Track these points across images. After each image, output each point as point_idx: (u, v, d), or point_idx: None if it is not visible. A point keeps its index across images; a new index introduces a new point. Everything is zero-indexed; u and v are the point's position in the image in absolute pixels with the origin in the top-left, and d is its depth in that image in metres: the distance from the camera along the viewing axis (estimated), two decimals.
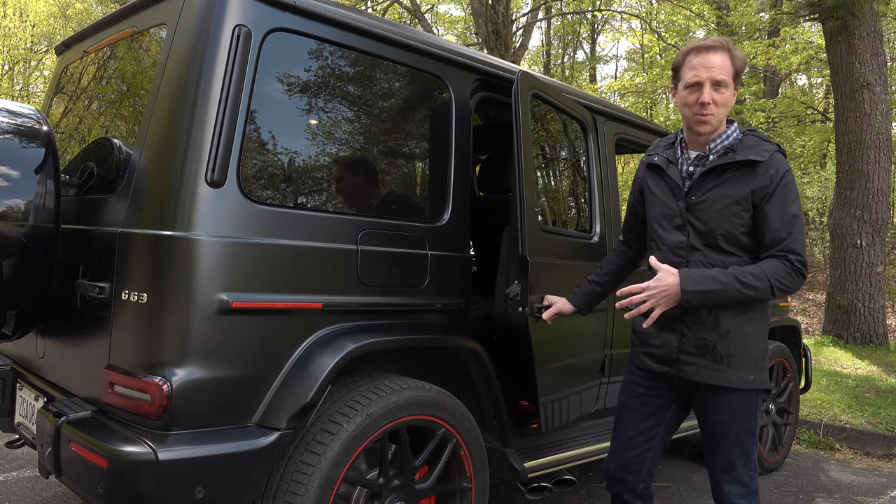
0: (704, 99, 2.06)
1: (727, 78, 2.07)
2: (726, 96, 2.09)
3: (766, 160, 2.05)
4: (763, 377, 2.11)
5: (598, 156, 3.30)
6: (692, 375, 2.11)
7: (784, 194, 2.03)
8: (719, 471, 2.14)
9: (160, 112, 2.08)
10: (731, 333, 2.07)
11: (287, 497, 2.03)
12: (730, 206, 2.06)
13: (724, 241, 2.07)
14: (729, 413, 2.10)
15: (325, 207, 2.29)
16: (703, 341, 2.09)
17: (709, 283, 1.99)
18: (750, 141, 2.11)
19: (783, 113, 15.61)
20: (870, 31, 7.85)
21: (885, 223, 8.01)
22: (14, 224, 2.13)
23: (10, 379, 2.65)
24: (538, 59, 24.79)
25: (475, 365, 2.63)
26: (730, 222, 2.06)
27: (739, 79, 2.13)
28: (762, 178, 2.04)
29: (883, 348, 7.80)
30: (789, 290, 2.01)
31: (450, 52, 2.68)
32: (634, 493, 2.29)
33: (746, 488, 2.12)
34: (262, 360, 2.04)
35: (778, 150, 2.09)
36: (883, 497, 4.00)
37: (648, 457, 2.26)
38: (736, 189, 2.06)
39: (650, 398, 2.24)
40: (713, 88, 2.07)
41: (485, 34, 10.99)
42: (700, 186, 2.12)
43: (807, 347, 4.86)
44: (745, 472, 2.12)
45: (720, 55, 2.07)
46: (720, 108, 2.08)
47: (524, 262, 2.51)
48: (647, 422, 2.24)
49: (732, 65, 2.09)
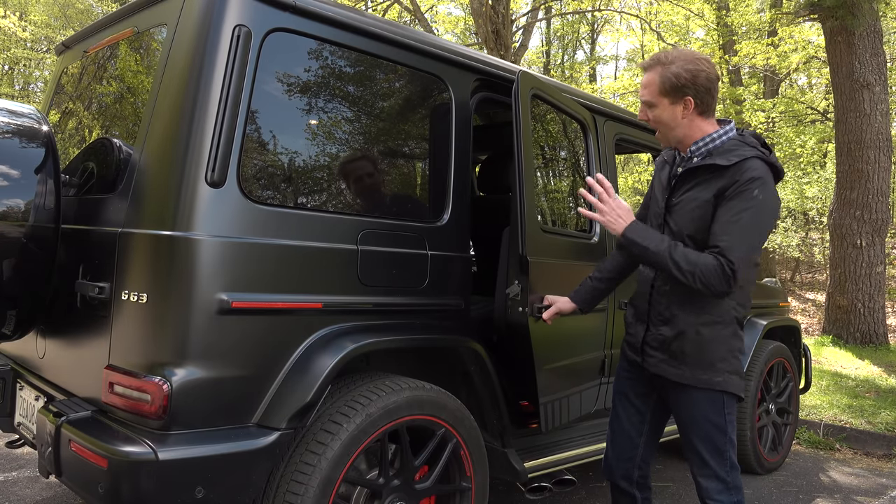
0: (639, 116, 2.20)
1: (651, 98, 2.13)
2: (656, 113, 2.15)
3: (733, 165, 2.04)
4: (724, 379, 2.11)
5: (598, 156, 3.30)
6: (653, 368, 2.22)
7: (740, 200, 2.00)
8: (695, 467, 2.20)
9: (160, 112, 2.08)
10: (686, 334, 2.13)
11: (287, 497, 2.04)
12: (696, 209, 2.10)
13: (690, 242, 2.11)
14: (692, 410, 2.16)
15: (326, 207, 2.29)
16: (661, 336, 2.19)
17: (647, 239, 2.08)
18: (731, 145, 2.11)
19: (783, 113, 15.61)
20: (869, 30, 7.85)
21: (885, 223, 8.01)
22: (14, 224, 2.13)
23: (10, 379, 2.65)
24: (538, 60, 24.79)
25: (475, 365, 2.63)
26: (695, 225, 2.10)
27: (680, 92, 2.09)
28: (727, 182, 2.04)
29: (883, 348, 7.80)
30: (712, 288, 1.99)
31: (450, 52, 2.68)
32: (630, 480, 2.37)
33: (724, 484, 2.16)
34: (262, 360, 2.04)
35: (757, 156, 2.05)
36: (883, 497, 4.00)
37: (641, 442, 2.35)
38: (703, 193, 2.09)
39: (635, 384, 2.33)
40: (644, 106, 2.16)
41: (485, 34, 10.98)
42: (679, 188, 2.18)
43: (807, 347, 4.87)
44: (720, 468, 2.15)
45: (647, 74, 2.14)
46: (657, 124, 2.17)
47: (524, 262, 2.51)
48: (636, 408, 2.34)
49: (660, 83, 2.10)
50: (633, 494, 2.38)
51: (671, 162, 2.26)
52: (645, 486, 2.39)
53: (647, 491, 2.40)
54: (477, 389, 2.68)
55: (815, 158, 15.19)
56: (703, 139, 2.14)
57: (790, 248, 13.66)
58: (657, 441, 2.40)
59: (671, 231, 2.17)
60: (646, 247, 2.07)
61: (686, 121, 2.13)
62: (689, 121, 2.13)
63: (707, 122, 2.15)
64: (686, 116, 2.12)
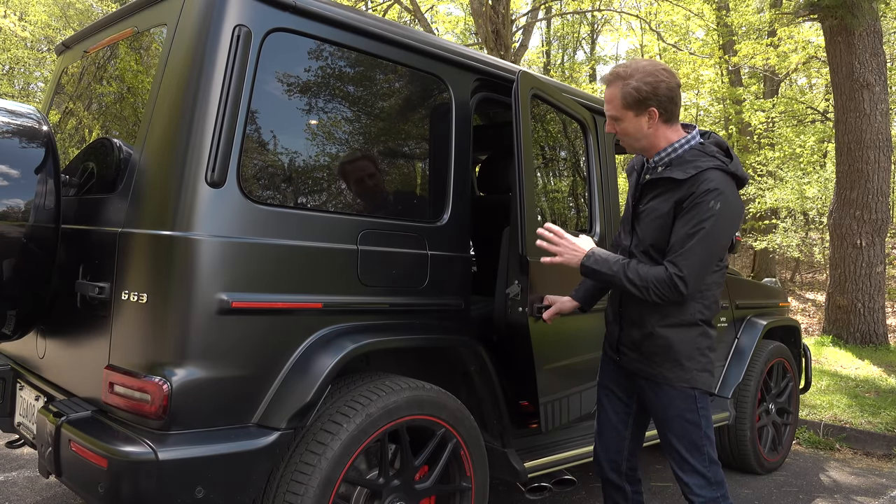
0: (606, 128, 2.24)
1: (613, 110, 2.16)
2: (622, 126, 2.17)
3: (689, 178, 2.06)
4: (693, 377, 2.16)
5: (597, 156, 3.30)
6: (628, 366, 2.28)
7: (697, 212, 2.03)
8: (675, 464, 2.24)
9: (160, 112, 2.08)
10: (654, 336, 2.19)
11: (287, 497, 2.04)
12: (656, 219, 2.15)
13: (653, 251, 2.16)
14: (666, 408, 2.20)
15: (326, 207, 2.29)
16: (633, 337, 2.25)
17: (602, 265, 2.16)
18: (689, 156, 2.13)
19: (783, 113, 15.61)
20: (869, 30, 7.85)
21: (885, 223, 8.01)
22: (14, 224, 2.13)
23: (10, 379, 2.65)
24: (538, 60, 24.79)
25: (475, 365, 2.63)
26: (655, 235, 2.15)
27: (642, 104, 2.10)
28: (684, 195, 2.07)
29: (883, 348, 7.80)
30: (665, 299, 2.07)
31: (450, 52, 2.68)
32: (619, 473, 2.41)
33: (705, 479, 2.19)
34: (262, 360, 2.04)
35: (716, 166, 2.06)
36: (883, 497, 4.00)
37: (628, 434, 2.39)
38: (662, 204, 2.14)
39: (618, 378, 2.38)
40: (612, 121, 2.19)
41: (484, 34, 10.98)
42: (644, 196, 2.24)
43: (807, 347, 4.87)
44: (699, 464, 2.18)
45: (609, 89, 2.16)
46: (622, 136, 2.21)
47: (524, 262, 2.51)
48: (620, 400, 2.39)
49: (622, 97, 2.11)
50: (622, 488, 2.41)
51: (639, 169, 2.31)
52: (634, 479, 2.42)
53: (637, 484, 2.43)
54: (477, 389, 2.68)
55: (815, 158, 15.18)
56: (666, 149, 2.17)
57: (790, 248, 13.65)
58: (643, 433, 2.45)
59: (638, 238, 2.22)
60: (603, 272, 2.16)
61: (651, 130, 2.15)
62: (654, 129, 2.15)
63: (672, 129, 2.17)
64: (651, 126, 2.15)
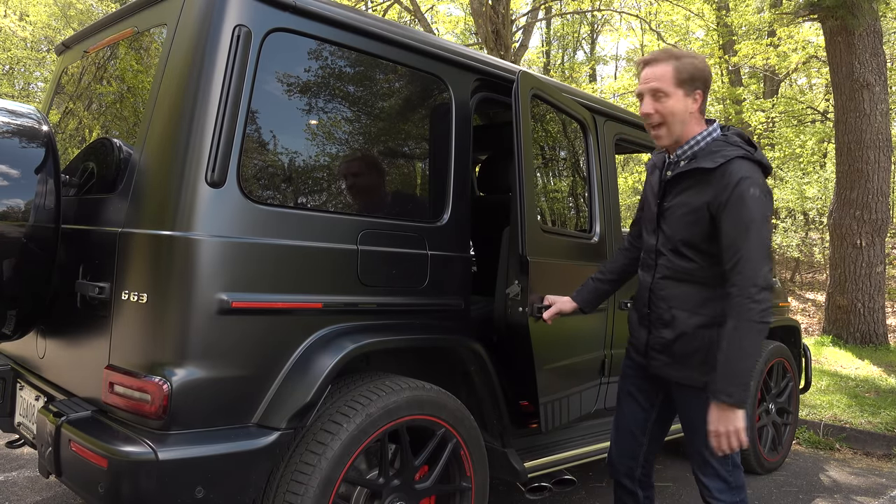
0: (643, 110, 2.15)
1: (665, 86, 2.11)
2: (669, 104, 2.11)
3: (718, 167, 2.03)
4: None
5: (597, 156, 3.30)
6: (658, 371, 2.24)
7: (737, 206, 1.99)
8: (697, 466, 2.22)
9: (160, 112, 2.08)
10: (686, 335, 2.14)
11: (287, 497, 2.04)
12: (688, 213, 2.11)
13: (684, 247, 2.12)
14: (695, 410, 2.16)
15: (326, 207, 2.29)
16: (663, 340, 2.19)
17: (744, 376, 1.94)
18: (714, 146, 2.11)
19: (783, 113, 15.61)
20: (869, 30, 7.85)
21: (885, 223, 8.01)
22: (14, 224, 2.13)
23: (10, 379, 2.65)
24: (538, 60, 24.78)
25: (475, 365, 2.63)
26: (688, 230, 2.11)
27: (693, 84, 2.11)
28: (716, 187, 2.03)
29: (883, 348, 7.80)
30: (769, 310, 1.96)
31: (450, 52, 2.68)
32: (633, 478, 2.38)
33: (727, 483, 2.17)
34: (262, 360, 2.04)
35: (742, 155, 2.04)
36: (883, 497, 4.00)
37: (645, 441, 2.36)
38: (693, 198, 2.10)
39: (641, 384, 2.34)
40: (653, 99, 2.12)
41: (484, 34, 10.98)
42: (670, 192, 2.19)
43: (807, 347, 4.86)
44: (722, 468, 2.17)
45: (660, 66, 2.12)
46: (668, 116, 2.12)
47: (524, 262, 2.51)
48: (640, 407, 2.35)
49: (676, 73, 2.10)
50: (635, 492, 2.39)
51: (661, 166, 2.27)
52: (647, 485, 2.40)
53: (649, 489, 2.41)
54: (477, 389, 2.68)
55: (815, 158, 15.19)
56: (689, 142, 2.16)
57: (790, 248, 13.66)
58: (661, 440, 2.41)
59: (665, 236, 2.18)
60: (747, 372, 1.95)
61: (691, 115, 2.14)
62: (692, 115, 2.14)
63: (699, 120, 2.17)
64: (692, 110, 2.13)
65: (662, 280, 2.19)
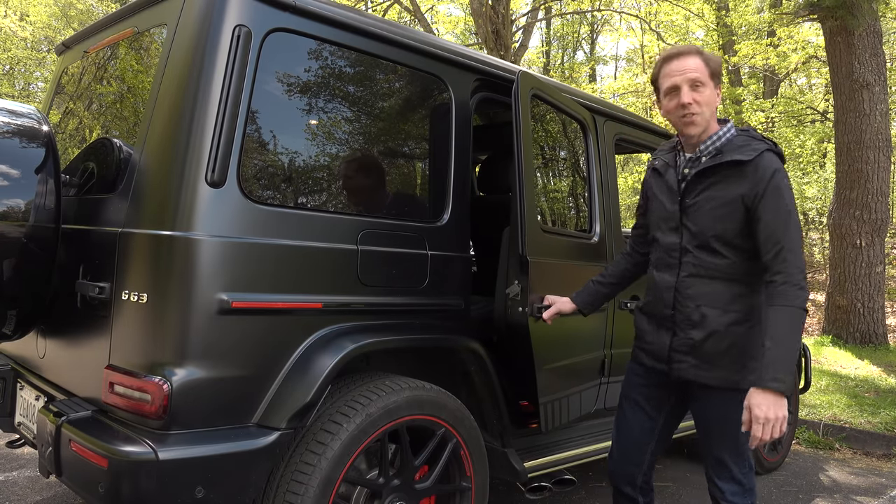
0: (683, 100, 2.10)
1: (703, 77, 2.11)
2: (706, 95, 2.11)
3: (752, 160, 2.04)
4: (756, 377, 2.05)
5: (597, 156, 3.30)
6: (682, 374, 2.17)
7: (775, 197, 2.01)
8: (712, 468, 2.18)
9: (160, 112, 2.08)
10: (718, 334, 2.09)
11: (287, 497, 2.04)
12: (719, 207, 2.09)
13: (715, 243, 2.09)
14: (718, 411, 2.12)
15: (326, 207, 2.29)
16: (691, 341, 2.13)
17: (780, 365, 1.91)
18: (740, 141, 2.11)
19: (783, 113, 15.62)
20: (869, 31, 7.85)
21: (885, 223, 8.01)
22: (14, 224, 2.13)
23: (10, 379, 2.65)
24: (538, 60, 24.78)
25: (475, 365, 2.63)
26: (721, 224, 2.08)
27: (718, 79, 2.15)
28: (751, 180, 2.04)
29: (882, 348, 7.80)
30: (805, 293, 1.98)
31: (450, 52, 2.68)
32: (634, 486, 2.34)
33: (741, 486, 2.14)
34: (262, 360, 2.04)
35: (769, 148, 2.07)
36: (882, 497, 4.00)
37: (649, 449, 2.31)
38: (725, 191, 2.08)
39: (649, 390, 2.29)
40: (691, 89, 2.11)
41: (484, 34, 10.98)
42: (693, 189, 2.15)
43: (806, 347, 4.86)
44: (738, 470, 2.14)
45: (692, 58, 2.12)
46: (703, 106, 2.11)
47: (524, 262, 2.51)
48: (646, 414, 2.29)
49: (707, 65, 2.12)
50: (636, 499, 2.35)
51: (674, 164, 2.23)
52: (648, 490, 2.36)
53: (649, 494, 2.37)
54: (477, 389, 2.68)
55: (815, 158, 15.20)
56: (711, 137, 2.14)
57: None
58: (666, 446, 2.37)
59: (690, 233, 2.14)
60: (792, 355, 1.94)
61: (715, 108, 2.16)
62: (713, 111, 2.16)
63: (715, 117, 2.18)
64: (716, 104, 2.16)
65: (689, 278, 2.14)
